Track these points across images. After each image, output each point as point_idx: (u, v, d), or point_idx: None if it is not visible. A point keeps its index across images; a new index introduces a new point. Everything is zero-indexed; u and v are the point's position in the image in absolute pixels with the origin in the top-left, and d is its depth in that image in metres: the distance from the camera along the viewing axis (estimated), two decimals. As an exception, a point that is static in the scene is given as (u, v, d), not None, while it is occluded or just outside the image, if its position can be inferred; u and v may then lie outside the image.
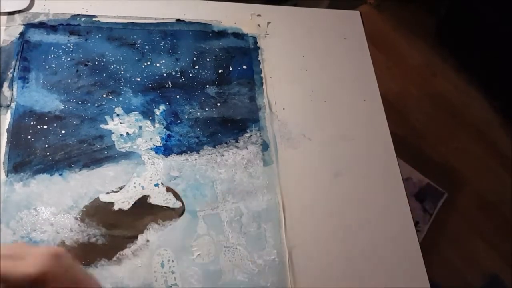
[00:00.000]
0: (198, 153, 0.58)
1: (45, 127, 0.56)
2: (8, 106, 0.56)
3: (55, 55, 0.60)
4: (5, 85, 0.57)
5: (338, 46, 0.71)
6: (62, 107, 0.57)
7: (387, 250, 0.57)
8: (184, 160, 0.57)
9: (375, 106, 0.67)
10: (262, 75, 0.65)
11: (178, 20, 0.67)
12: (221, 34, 0.67)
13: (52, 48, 0.61)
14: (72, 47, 0.61)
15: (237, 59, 0.66)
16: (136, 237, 0.52)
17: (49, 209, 0.51)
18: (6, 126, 0.54)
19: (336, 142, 0.63)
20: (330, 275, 0.54)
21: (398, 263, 0.56)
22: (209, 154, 0.58)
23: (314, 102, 0.65)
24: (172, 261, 0.51)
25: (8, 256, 0.36)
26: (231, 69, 0.65)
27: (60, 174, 0.53)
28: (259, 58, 0.66)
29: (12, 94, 0.56)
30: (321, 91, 0.66)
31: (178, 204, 0.54)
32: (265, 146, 0.60)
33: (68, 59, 0.60)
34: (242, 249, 0.53)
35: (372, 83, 0.68)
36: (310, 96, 0.65)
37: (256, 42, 0.68)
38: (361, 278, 0.54)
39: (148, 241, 0.52)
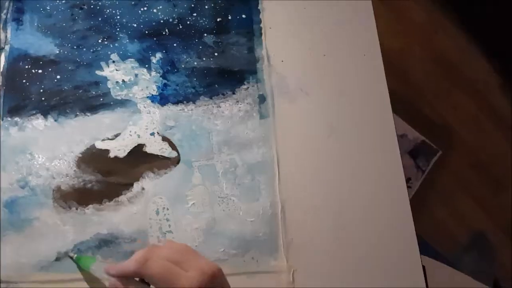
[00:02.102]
0: (195, 103, 0.57)
1: (40, 71, 0.55)
2: (2, 48, 0.54)
3: (49, -3, 0.58)
4: (-2, 26, 0.55)
5: (341, -2, 0.69)
6: (57, 52, 0.56)
7: (376, 206, 0.58)
8: (180, 110, 0.57)
9: (375, 61, 0.66)
10: (262, 25, 0.64)
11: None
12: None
13: (46, -11, 0.59)
14: (66, -12, 0.59)
15: (237, 7, 0.64)
16: (132, 185, 0.52)
17: (45, 154, 0.51)
18: (1, 69, 0.54)
19: (333, 97, 0.62)
20: (319, 228, 0.55)
21: (387, 219, 0.57)
22: (205, 105, 0.57)
23: (313, 56, 0.64)
24: (167, 209, 0.52)
25: (176, 262, 0.40)
26: (230, 17, 0.63)
27: (56, 120, 0.53)
28: (259, 7, 0.65)
29: (6, 37, 0.55)
30: (321, 44, 0.65)
31: (173, 154, 0.55)
32: (262, 99, 0.59)
33: (63, 1, 0.59)
34: (236, 200, 0.54)
35: (373, 38, 0.67)
36: (310, 49, 0.64)
37: (257, -9, 0.66)
38: (349, 233, 0.56)
39: (143, 189, 0.52)
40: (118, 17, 0.59)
